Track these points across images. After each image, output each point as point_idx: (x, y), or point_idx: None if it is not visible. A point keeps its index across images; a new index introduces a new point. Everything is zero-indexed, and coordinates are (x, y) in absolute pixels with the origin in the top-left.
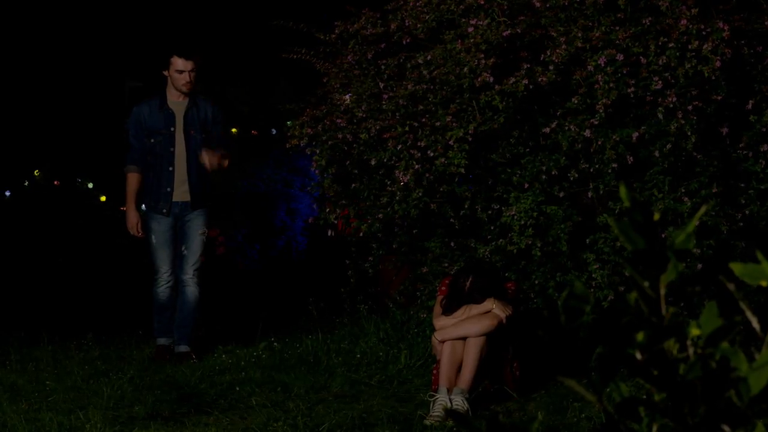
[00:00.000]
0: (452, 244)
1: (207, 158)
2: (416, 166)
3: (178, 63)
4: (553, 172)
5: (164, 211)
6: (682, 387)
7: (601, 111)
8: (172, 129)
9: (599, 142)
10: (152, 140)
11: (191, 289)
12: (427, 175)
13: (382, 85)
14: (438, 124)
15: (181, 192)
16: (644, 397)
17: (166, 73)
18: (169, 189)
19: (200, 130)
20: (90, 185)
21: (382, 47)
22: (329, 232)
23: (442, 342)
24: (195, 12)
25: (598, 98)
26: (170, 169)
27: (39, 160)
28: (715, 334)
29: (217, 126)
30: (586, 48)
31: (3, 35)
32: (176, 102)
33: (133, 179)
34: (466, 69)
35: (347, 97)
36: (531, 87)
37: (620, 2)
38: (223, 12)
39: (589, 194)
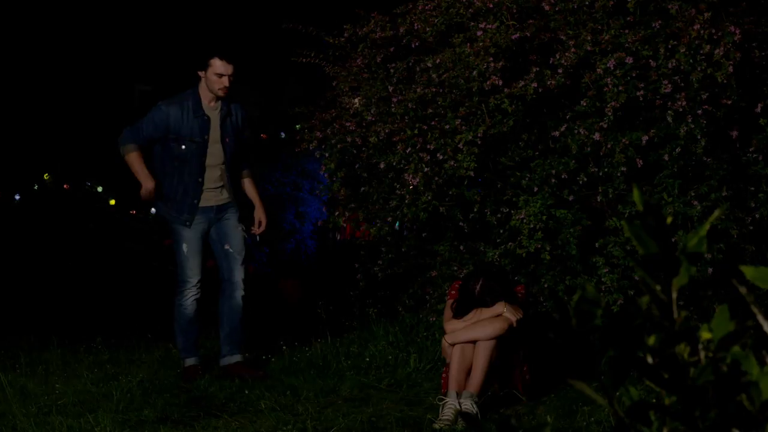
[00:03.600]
0: (461, 247)
1: (260, 219)
2: (425, 170)
3: (219, 66)
4: (562, 176)
5: (187, 223)
6: (693, 391)
7: (610, 114)
8: (206, 137)
9: (608, 146)
10: (183, 147)
11: (241, 294)
12: (436, 178)
13: (391, 88)
14: (447, 127)
15: (210, 197)
16: (655, 400)
17: (201, 74)
18: (195, 201)
19: (234, 138)
20: (99, 189)
21: (391, 51)
22: (338, 236)
23: (453, 345)
24: (205, 15)
25: (608, 101)
26: (199, 180)
27: (48, 164)
28: (726, 338)
29: (246, 130)
30: (596, 51)
31: (13, 41)
32: (209, 107)
33: (137, 155)
34: (475, 72)
35: (356, 100)
36: (540, 90)
37: (629, 5)
38: (233, 15)
39: (599, 198)
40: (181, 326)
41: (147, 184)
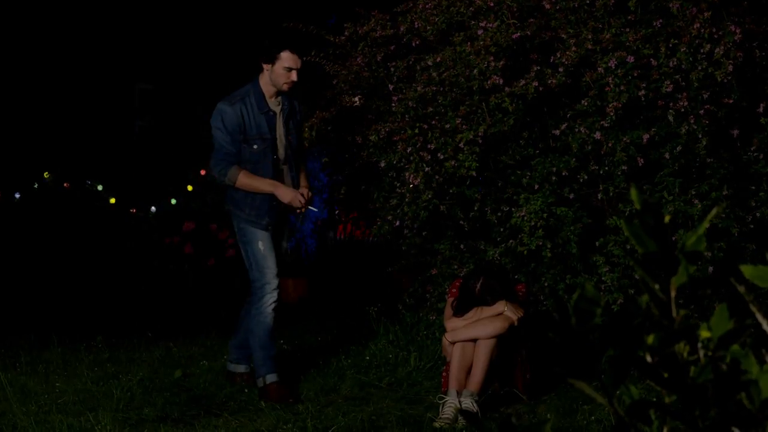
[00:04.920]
0: (462, 246)
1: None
2: (426, 169)
3: (289, 59)
4: (563, 174)
5: (269, 227)
6: (693, 389)
7: (611, 113)
8: (274, 133)
9: (609, 144)
10: (255, 146)
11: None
12: (437, 177)
13: (391, 87)
14: (448, 126)
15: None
16: (655, 399)
17: (267, 66)
18: (275, 202)
19: (296, 135)
20: (100, 187)
21: (391, 49)
22: (338, 234)
23: (453, 344)
24: (205, 14)
25: (609, 100)
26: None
27: (48, 162)
28: (725, 337)
29: (302, 128)
30: (597, 50)
31: (14, 39)
32: (272, 101)
33: (243, 174)
34: (475, 71)
35: (357, 99)
36: (541, 89)
37: (630, 4)
38: (233, 14)
39: (599, 196)
40: (261, 339)
41: (281, 191)
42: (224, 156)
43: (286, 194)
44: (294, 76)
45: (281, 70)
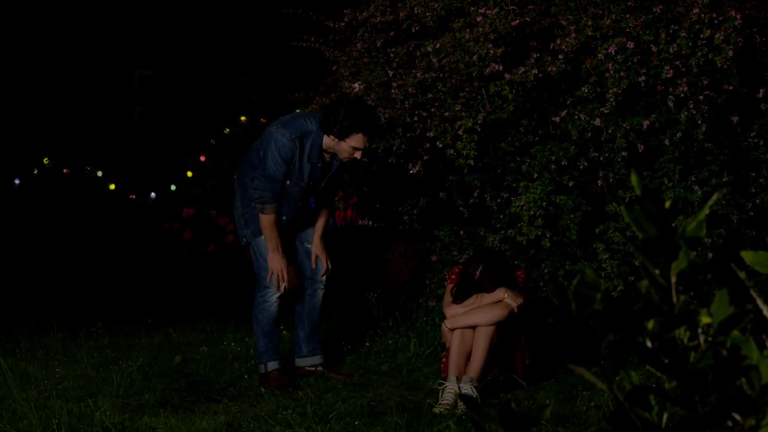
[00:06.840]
0: (461, 232)
1: (317, 254)
2: (425, 157)
3: (360, 141)
4: (562, 162)
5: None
6: (693, 375)
7: (611, 100)
8: (311, 183)
9: (609, 131)
10: (288, 183)
11: (322, 292)
12: (439, 165)
13: (391, 73)
14: (447, 114)
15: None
16: (655, 385)
17: (333, 138)
18: (281, 223)
19: (331, 182)
20: (99, 173)
21: (391, 35)
22: (338, 221)
23: (452, 330)
24: (205, 1)
25: (609, 87)
26: (284, 218)
27: (48, 148)
28: (726, 322)
29: (345, 173)
30: (597, 36)
31: (15, 24)
32: (324, 155)
33: (272, 219)
34: (475, 57)
35: (356, 85)
36: (540, 76)
37: None
38: (233, 1)
39: (599, 183)
40: (264, 327)
41: (273, 256)
42: (272, 186)
43: (274, 263)
44: (359, 155)
45: (347, 147)
